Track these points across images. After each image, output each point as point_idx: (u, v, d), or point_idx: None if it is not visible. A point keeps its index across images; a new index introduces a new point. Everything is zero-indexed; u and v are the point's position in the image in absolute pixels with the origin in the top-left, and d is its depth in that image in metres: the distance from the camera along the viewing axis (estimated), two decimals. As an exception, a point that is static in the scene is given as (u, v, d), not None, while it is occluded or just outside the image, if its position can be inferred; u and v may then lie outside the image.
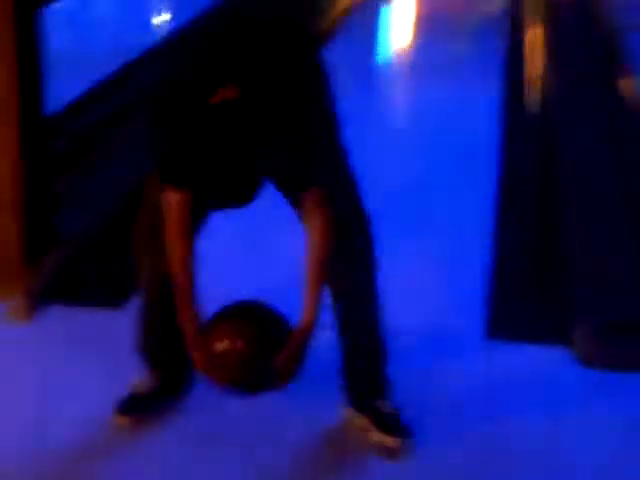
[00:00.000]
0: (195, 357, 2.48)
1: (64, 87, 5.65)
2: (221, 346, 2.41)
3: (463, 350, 3.19)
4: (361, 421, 2.78)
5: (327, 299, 2.64)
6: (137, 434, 2.81)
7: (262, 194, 2.45)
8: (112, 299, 3.47)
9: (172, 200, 2.44)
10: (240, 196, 2.40)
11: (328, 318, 2.67)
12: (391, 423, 2.75)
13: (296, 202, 2.54)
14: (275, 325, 2.46)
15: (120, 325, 3.21)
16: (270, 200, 2.54)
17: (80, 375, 3.04)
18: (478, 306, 3.43)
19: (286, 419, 2.85)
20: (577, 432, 2.81)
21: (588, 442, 2.77)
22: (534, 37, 7.12)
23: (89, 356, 3.13)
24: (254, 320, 2.46)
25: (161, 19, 8.15)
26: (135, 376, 2.91)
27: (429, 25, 7.84)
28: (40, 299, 3.45)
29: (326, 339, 2.68)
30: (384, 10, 8.29)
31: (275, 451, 2.73)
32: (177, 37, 6.76)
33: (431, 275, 3.65)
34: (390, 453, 2.70)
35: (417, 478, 2.64)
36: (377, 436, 2.74)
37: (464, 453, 2.72)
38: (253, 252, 3.75)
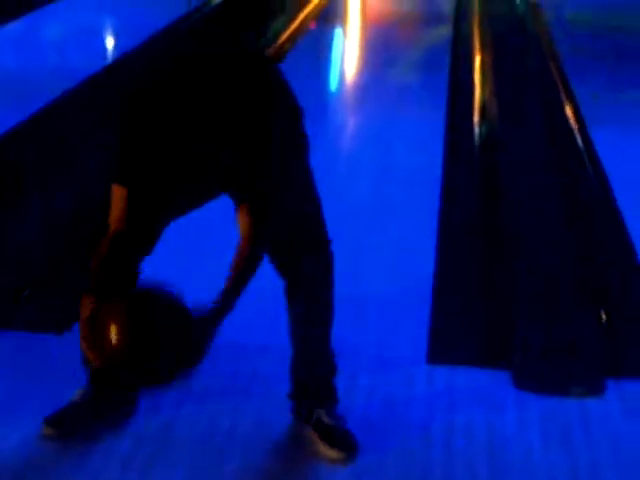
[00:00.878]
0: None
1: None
2: (110, 334, 2.35)
3: (406, 372, 3.22)
4: (307, 433, 2.86)
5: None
6: (68, 445, 2.79)
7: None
8: (54, 324, 3.44)
9: (117, 195, 2.53)
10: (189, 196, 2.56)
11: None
12: (334, 436, 2.83)
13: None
14: (173, 319, 2.39)
15: (61, 350, 3.20)
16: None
17: (17, 398, 3.01)
18: (421, 331, 3.46)
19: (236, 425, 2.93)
20: (517, 455, 2.84)
21: (526, 464, 2.80)
22: (479, 66, 7.23)
23: (28, 380, 3.10)
24: (150, 314, 2.37)
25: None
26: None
27: (377, 53, 7.94)
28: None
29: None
30: (334, 39, 8.38)
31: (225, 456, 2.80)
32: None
33: (375, 300, 3.68)
34: (334, 463, 2.79)
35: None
36: (322, 449, 2.82)
37: (403, 473, 2.75)
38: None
